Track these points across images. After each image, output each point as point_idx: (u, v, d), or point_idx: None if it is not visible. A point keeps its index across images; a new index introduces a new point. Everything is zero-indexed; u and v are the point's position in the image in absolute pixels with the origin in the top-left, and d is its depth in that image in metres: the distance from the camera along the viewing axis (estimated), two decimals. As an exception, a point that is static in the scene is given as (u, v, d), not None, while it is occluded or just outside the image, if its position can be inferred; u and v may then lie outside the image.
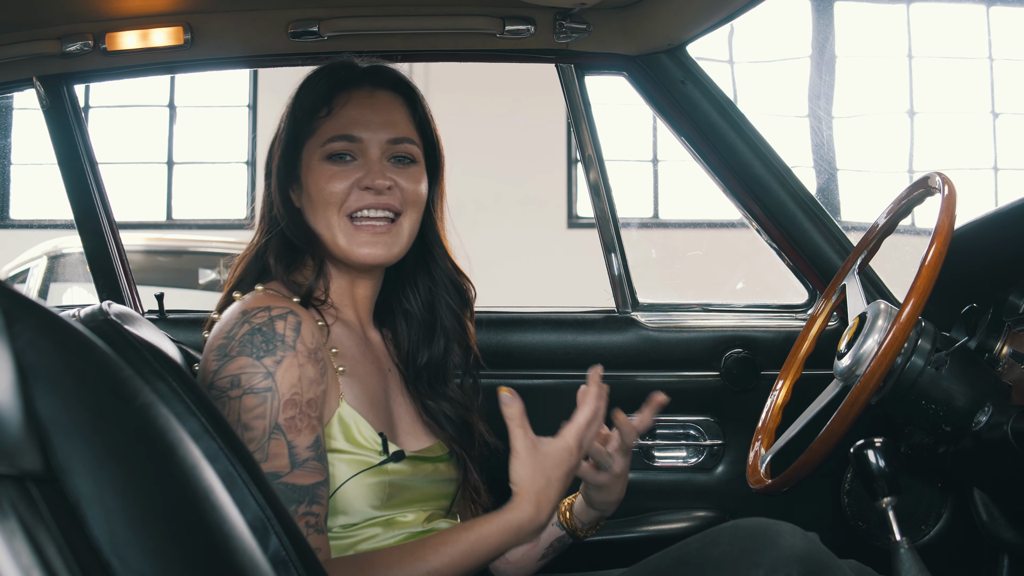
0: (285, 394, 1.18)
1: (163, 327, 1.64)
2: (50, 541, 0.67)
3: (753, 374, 1.91)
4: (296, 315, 1.23)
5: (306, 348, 1.21)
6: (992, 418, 1.32)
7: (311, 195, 1.33)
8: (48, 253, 4.58)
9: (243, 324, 1.21)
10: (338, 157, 1.32)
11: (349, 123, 1.33)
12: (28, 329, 0.72)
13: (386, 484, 1.27)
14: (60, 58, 1.83)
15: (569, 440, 1.22)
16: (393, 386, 1.39)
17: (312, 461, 1.18)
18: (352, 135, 1.33)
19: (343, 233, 1.32)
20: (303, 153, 1.35)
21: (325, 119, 1.33)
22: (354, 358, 1.33)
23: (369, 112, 1.34)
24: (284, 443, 1.17)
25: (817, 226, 1.91)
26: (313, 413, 1.20)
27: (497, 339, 1.94)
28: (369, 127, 1.33)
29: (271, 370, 1.18)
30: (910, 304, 1.26)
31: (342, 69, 1.38)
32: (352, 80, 1.36)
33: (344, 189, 1.31)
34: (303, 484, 1.17)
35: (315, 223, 1.34)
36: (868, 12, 7.02)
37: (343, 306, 1.37)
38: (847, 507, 1.90)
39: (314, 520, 1.17)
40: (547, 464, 1.21)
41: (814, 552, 1.12)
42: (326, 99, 1.34)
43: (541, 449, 1.21)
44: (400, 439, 1.34)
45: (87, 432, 0.72)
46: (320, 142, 1.33)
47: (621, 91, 1.95)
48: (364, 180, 1.31)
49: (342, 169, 1.32)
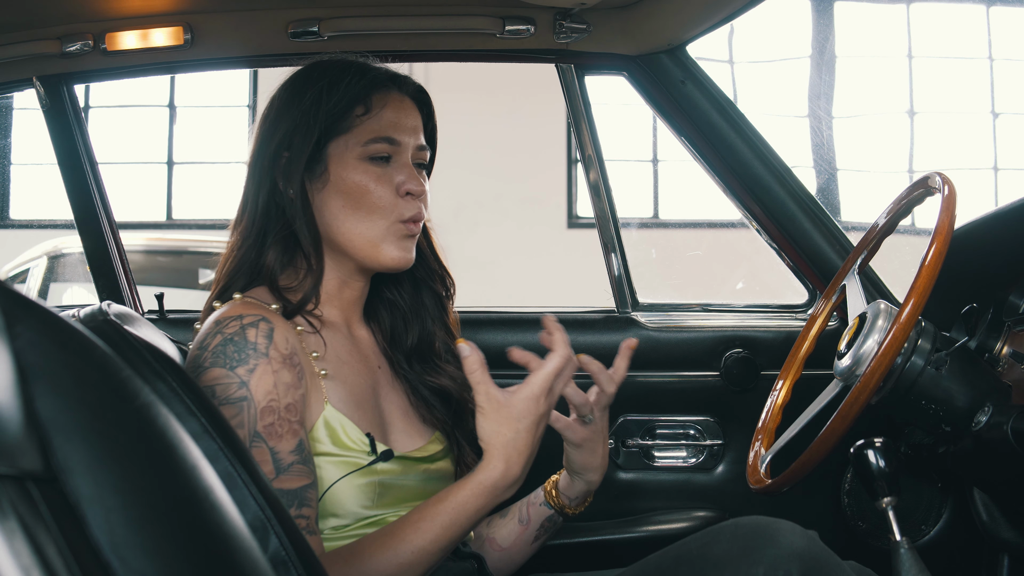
0: (261, 401, 1.18)
1: (163, 327, 1.64)
2: (50, 541, 0.67)
3: (753, 374, 1.91)
4: (268, 321, 1.22)
5: (280, 354, 1.21)
6: (992, 418, 1.32)
7: (350, 195, 1.31)
8: (48, 253, 4.58)
9: (216, 335, 1.21)
10: (380, 160, 1.32)
11: (389, 126, 1.33)
12: (28, 329, 0.72)
13: (376, 484, 1.26)
14: (60, 58, 1.83)
15: (535, 388, 1.16)
16: (383, 383, 1.38)
17: (297, 465, 1.18)
18: (394, 138, 1.33)
19: (388, 235, 1.31)
20: (329, 148, 1.32)
21: (363, 118, 1.32)
22: (338, 359, 1.32)
23: (404, 117, 1.35)
24: (266, 450, 1.16)
25: (817, 226, 1.91)
26: (293, 418, 1.20)
27: (497, 339, 1.94)
28: (405, 131, 1.34)
29: (244, 379, 1.18)
30: (910, 304, 1.26)
31: (371, 69, 1.37)
32: (383, 82, 1.36)
33: (391, 192, 1.32)
34: (290, 488, 1.17)
35: (345, 222, 1.32)
36: (868, 12, 7.02)
37: (328, 306, 1.36)
38: (847, 507, 1.90)
39: (305, 523, 1.17)
40: (512, 415, 1.15)
41: (814, 550, 1.12)
42: (362, 98, 1.33)
43: (504, 400, 1.15)
44: (393, 438, 1.33)
45: (87, 432, 0.72)
46: (359, 141, 1.32)
47: (621, 91, 1.95)
48: (407, 184, 1.32)
49: (384, 171, 1.32)
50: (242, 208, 1.36)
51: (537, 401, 1.16)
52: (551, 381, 1.17)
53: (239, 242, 1.34)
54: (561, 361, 1.17)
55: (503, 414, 1.15)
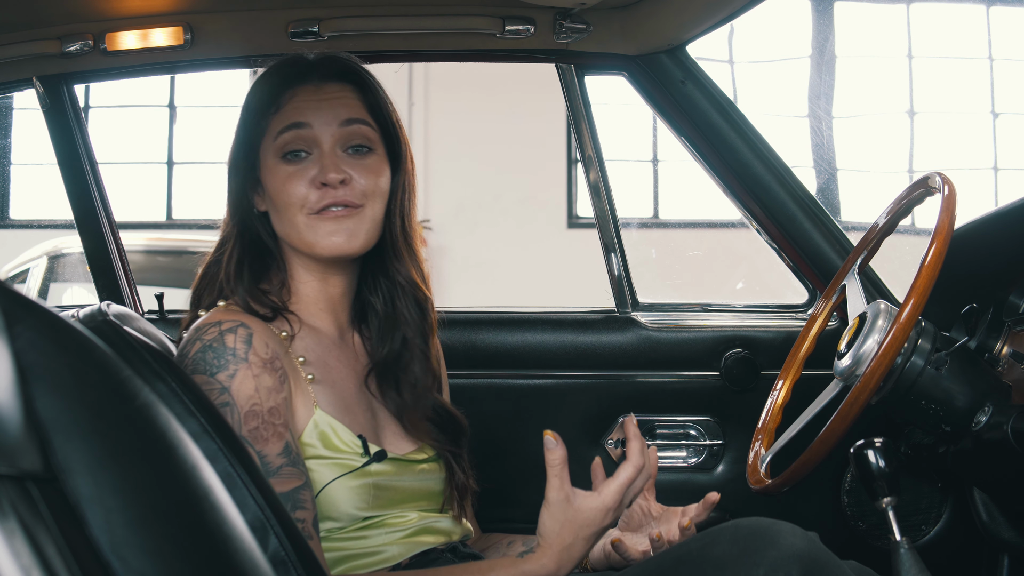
0: (244, 406, 1.17)
1: (163, 327, 1.64)
2: (50, 541, 0.67)
3: (753, 374, 1.91)
4: (247, 327, 1.22)
5: (259, 359, 1.20)
6: (992, 418, 1.32)
7: (272, 197, 1.31)
8: (48, 253, 4.58)
9: (195, 342, 1.21)
10: (293, 155, 1.30)
11: (295, 112, 1.31)
12: (28, 329, 0.72)
13: (370, 486, 1.26)
14: (60, 58, 1.83)
15: (607, 499, 1.15)
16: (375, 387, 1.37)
17: (286, 467, 1.17)
18: (300, 121, 1.30)
19: (307, 227, 1.28)
20: (260, 154, 1.32)
21: (274, 116, 1.31)
22: (326, 364, 1.31)
23: (316, 101, 1.32)
24: (253, 454, 1.15)
25: (817, 226, 1.91)
26: (277, 421, 1.19)
27: (497, 339, 1.94)
28: (318, 112, 1.30)
29: (226, 384, 1.17)
30: (910, 304, 1.26)
31: (289, 65, 1.35)
32: (299, 75, 1.34)
33: (303, 189, 1.28)
34: (282, 492, 1.16)
35: (277, 224, 1.32)
36: (868, 12, 7.02)
37: (317, 310, 1.35)
38: (847, 507, 1.90)
39: (302, 526, 1.16)
40: (578, 520, 1.14)
41: (814, 551, 1.12)
42: (274, 96, 1.32)
43: (575, 503, 1.14)
44: (386, 440, 1.32)
45: (87, 432, 0.72)
46: (272, 137, 1.31)
47: (621, 91, 1.95)
48: (319, 176, 1.28)
49: (298, 168, 1.29)
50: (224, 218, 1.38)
51: (606, 513, 1.15)
52: (623, 492, 1.16)
53: (216, 249, 1.36)
54: (634, 471, 1.16)
55: (569, 516, 1.15)
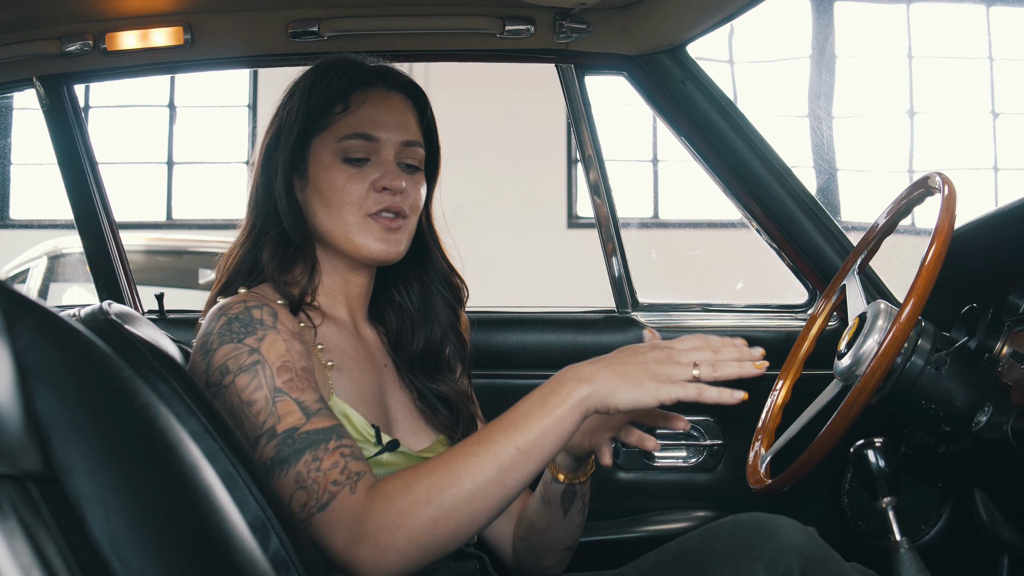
0: (275, 362, 1.17)
1: (163, 327, 1.64)
2: (50, 541, 0.67)
3: (753, 374, 1.91)
4: (272, 307, 1.23)
5: (287, 329, 1.21)
6: (992, 418, 1.32)
7: (322, 192, 1.32)
8: (48, 253, 4.58)
9: (220, 317, 1.21)
10: (356, 161, 1.32)
11: (366, 122, 1.33)
12: (28, 329, 0.72)
13: (382, 476, 1.26)
14: (60, 58, 1.83)
15: (659, 343, 1.12)
16: (389, 381, 1.39)
17: (324, 410, 1.17)
18: (370, 134, 1.32)
19: (359, 228, 1.31)
20: (311, 146, 1.34)
21: (341, 115, 1.33)
22: (344, 354, 1.32)
23: (386, 113, 1.34)
24: (291, 401, 1.15)
25: (817, 226, 1.91)
26: (310, 378, 1.19)
27: (497, 339, 1.94)
28: (386, 127, 1.33)
29: (255, 346, 1.18)
30: (910, 304, 1.26)
31: (356, 67, 1.37)
32: (367, 79, 1.36)
33: (363, 191, 1.31)
34: (324, 427, 1.15)
35: (322, 218, 1.33)
36: (868, 12, 7.02)
37: (336, 303, 1.37)
38: (847, 507, 1.90)
39: (348, 450, 1.14)
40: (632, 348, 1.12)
41: (813, 545, 1.12)
42: (343, 95, 1.33)
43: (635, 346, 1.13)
44: (399, 436, 1.33)
45: (87, 432, 0.72)
46: (335, 138, 1.32)
47: (621, 91, 1.95)
48: (382, 180, 1.31)
49: (359, 171, 1.32)
50: (247, 206, 1.38)
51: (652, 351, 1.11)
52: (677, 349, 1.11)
53: (241, 239, 1.37)
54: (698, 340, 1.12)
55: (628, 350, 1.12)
